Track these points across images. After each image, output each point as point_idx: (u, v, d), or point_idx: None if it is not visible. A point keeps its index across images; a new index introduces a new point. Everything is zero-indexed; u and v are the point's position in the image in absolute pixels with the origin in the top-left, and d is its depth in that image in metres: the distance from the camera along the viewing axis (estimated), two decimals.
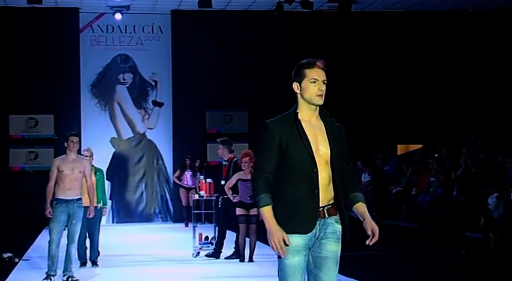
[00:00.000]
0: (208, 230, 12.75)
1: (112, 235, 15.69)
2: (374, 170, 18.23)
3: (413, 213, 15.47)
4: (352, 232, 4.59)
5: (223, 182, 12.00)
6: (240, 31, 20.41)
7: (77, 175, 9.77)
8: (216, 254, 12.02)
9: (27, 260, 12.53)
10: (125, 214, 20.30)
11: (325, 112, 4.62)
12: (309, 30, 20.25)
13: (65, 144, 9.87)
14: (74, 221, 9.73)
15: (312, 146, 4.46)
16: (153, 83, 20.68)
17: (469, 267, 11.37)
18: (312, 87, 4.51)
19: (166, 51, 20.53)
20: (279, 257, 4.43)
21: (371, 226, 4.51)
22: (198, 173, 17.76)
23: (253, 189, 4.54)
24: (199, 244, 12.41)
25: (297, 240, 4.41)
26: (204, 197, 12.59)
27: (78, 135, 10.69)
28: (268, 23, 20.12)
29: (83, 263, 11.19)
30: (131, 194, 20.50)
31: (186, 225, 18.26)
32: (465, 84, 20.32)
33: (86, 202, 10.12)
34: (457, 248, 12.91)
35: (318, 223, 4.45)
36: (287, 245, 4.38)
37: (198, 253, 12.35)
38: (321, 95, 4.51)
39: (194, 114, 20.42)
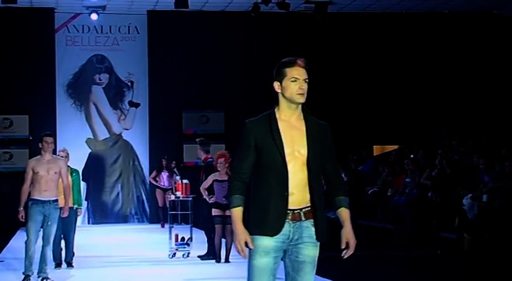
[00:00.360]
0: (185, 231, 12.73)
1: (87, 236, 15.61)
2: (349, 171, 18.30)
3: (389, 214, 15.54)
4: (328, 232, 4.54)
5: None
6: (216, 32, 20.39)
7: (53, 176, 9.63)
8: (212, 254, 11.83)
9: (2, 261, 12.44)
10: (101, 214, 20.20)
11: (308, 111, 4.56)
12: (285, 31, 20.28)
13: (40, 145, 9.70)
14: (49, 223, 9.59)
15: (287, 147, 4.40)
16: (129, 83, 20.61)
17: (443, 267, 11.45)
18: (293, 85, 4.45)
19: (142, 51, 20.46)
20: (249, 258, 4.42)
21: (347, 237, 4.45)
22: (175, 174, 17.76)
23: (228, 190, 4.54)
24: (176, 244, 12.39)
25: (267, 241, 4.37)
26: (181, 198, 12.57)
27: (54, 135, 10.53)
28: (245, 23, 20.14)
29: (58, 265, 11.13)
30: (107, 194, 20.41)
31: (162, 226, 18.21)
32: (441, 85, 20.46)
33: (62, 202, 10.00)
34: (432, 248, 13.00)
35: (291, 225, 4.40)
36: (250, 248, 4.37)
37: (174, 253, 12.33)
38: (302, 94, 4.45)
39: (170, 115, 20.38)
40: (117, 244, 15.04)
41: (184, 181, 12.62)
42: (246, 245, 4.37)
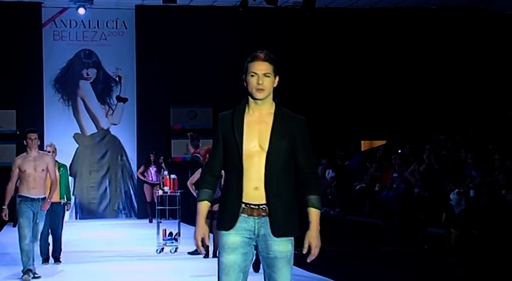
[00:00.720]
0: (172, 226, 12.72)
1: (75, 231, 15.58)
2: (337, 167, 18.33)
3: (377, 209, 15.58)
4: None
5: None
6: (204, 27, 20.37)
7: (40, 173, 9.47)
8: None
9: None
10: (89, 210, 20.16)
11: (279, 105, 4.41)
12: (273, 26, 20.28)
13: (24, 142, 9.51)
14: (37, 221, 9.48)
15: (250, 142, 4.30)
16: (117, 78, 20.56)
17: (431, 262, 11.49)
18: (252, 80, 4.33)
19: (130, 46, 20.41)
20: (218, 254, 4.39)
21: (309, 241, 4.32)
22: (162, 169, 17.74)
23: (199, 183, 4.54)
24: (163, 240, 12.39)
25: (232, 238, 4.30)
26: (168, 193, 12.57)
27: (41, 131, 10.60)
28: (233, 18, 20.12)
29: (45, 260, 11.09)
30: (95, 190, 20.37)
31: (150, 221, 18.18)
32: (428, 81, 20.52)
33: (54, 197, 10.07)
34: (420, 243, 13.05)
35: (256, 221, 4.30)
36: (206, 244, 4.37)
37: (162, 249, 12.33)
38: (261, 89, 4.31)
39: (158, 110, 20.35)
40: (105, 239, 15.01)
41: (172, 176, 12.61)
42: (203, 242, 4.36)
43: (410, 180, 14.66)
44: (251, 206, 4.30)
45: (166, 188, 12.49)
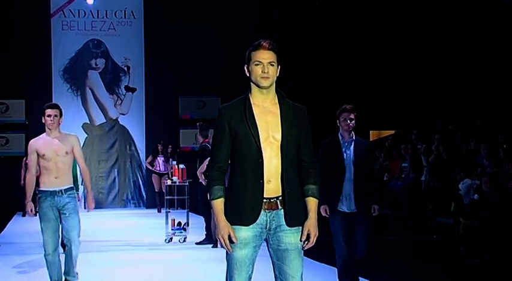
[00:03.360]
0: (181, 216, 12.74)
1: (84, 221, 15.49)
2: None
3: (386, 199, 15.56)
4: (325, 217, 4.49)
5: None
6: (213, 16, 20.33)
7: (64, 157, 7.64)
8: (209, 240, 11.86)
9: None
10: (97, 200, 20.18)
11: (282, 95, 4.37)
12: (283, 15, 20.22)
13: (43, 120, 7.66)
14: (67, 214, 7.76)
15: (262, 133, 4.24)
16: (125, 68, 20.57)
17: (439, 252, 11.47)
18: (256, 69, 4.30)
19: (138, 36, 20.42)
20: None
21: (308, 229, 4.29)
22: (171, 159, 17.75)
23: (207, 180, 4.43)
24: (172, 229, 12.41)
25: (244, 233, 4.24)
26: (177, 183, 12.57)
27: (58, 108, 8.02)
28: (243, 8, 20.07)
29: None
30: (104, 180, 20.41)
31: (159, 211, 18.22)
32: (437, 70, 20.43)
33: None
34: (428, 233, 13.03)
35: (267, 215, 4.26)
36: (233, 242, 4.24)
37: (171, 238, 12.35)
38: (266, 77, 4.27)
39: (167, 100, 20.36)
40: (113, 229, 15.05)
41: (181, 166, 12.61)
42: (230, 238, 4.24)
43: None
44: (263, 199, 4.26)
45: (175, 178, 12.50)
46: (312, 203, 4.33)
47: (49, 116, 7.67)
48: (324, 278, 8.51)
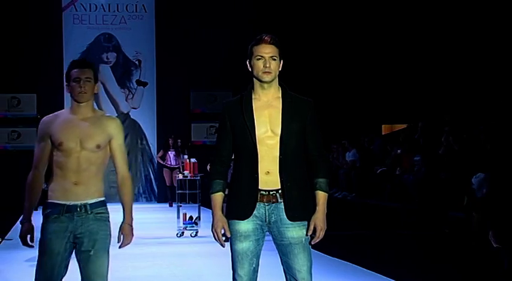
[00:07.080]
0: (193, 210, 12.74)
1: None
2: (361, 150, 18.23)
3: (397, 192, 15.51)
4: (335, 211, 4.47)
5: None
6: (224, 10, 20.31)
7: (93, 155, 4.71)
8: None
9: (11, 239, 12.46)
10: (109, 194, 20.12)
11: (286, 88, 4.35)
12: (292, 8, 20.17)
13: (66, 90, 5.22)
14: (90, 251, 4.77)
15: (261, 127, 4.23)
16: (136, 62, 20.58)
17: (451, 246, 11.43)
18: (258, 64, 4.28)
19: (150, 30, 20.42)
20: (230, 243, 4.35)
21: (315, 223, 4.25)
22: (181, 153, 17.76)
23: (209, 174, 4.46)
24: (184, 224, 12.42)
25: (244, 226, 4.26)
26: (188, 177, 12.58)
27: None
28: (254, 2, 20.04)
29: None
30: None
31: (170, 205, 18.24)
32: (448, 65, 20.34)
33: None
34: (440, 227, 12.98)
35: (266, 207, 4.25)
36: (227, 236, 4.30)
37: (183, 232, 12.36)
38: (268, 72, 4.25)
39: (178, 94, 20.37)
40: None
41: (192, 160, 12.61)
42: (229, 232, 4.30)
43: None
44: (261, 192, 4.25)
45: (186, 172, 12.51)
46: (320, 196, 4.30)
47: (77, 80, 4.64)
48: (334, 273, 8.50)
